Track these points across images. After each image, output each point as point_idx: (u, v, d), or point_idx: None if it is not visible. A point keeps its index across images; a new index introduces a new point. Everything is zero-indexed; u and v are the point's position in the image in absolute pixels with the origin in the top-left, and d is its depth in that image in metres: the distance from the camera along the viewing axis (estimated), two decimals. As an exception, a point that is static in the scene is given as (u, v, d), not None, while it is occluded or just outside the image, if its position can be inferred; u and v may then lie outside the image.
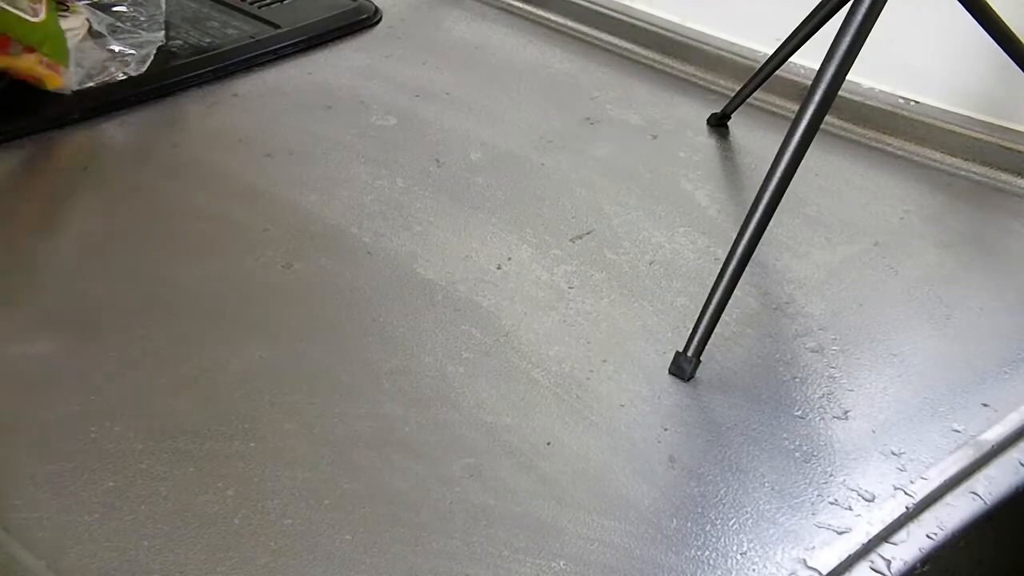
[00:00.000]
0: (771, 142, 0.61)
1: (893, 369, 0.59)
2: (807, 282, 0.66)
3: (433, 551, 0.48)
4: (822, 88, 0.58)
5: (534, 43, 0.92)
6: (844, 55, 0.58)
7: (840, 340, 0.61)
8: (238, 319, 0.61)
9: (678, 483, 0.52)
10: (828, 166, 0.76)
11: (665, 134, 0.80)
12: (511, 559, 0.48)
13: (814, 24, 0.71)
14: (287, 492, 0.51)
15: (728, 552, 0.49)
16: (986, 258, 0.69)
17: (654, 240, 0.69)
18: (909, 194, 0.74)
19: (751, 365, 0.59)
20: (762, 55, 0.79)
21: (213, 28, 0.90)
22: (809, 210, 0.72)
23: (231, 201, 0.71)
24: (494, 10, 0.97)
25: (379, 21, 0.94)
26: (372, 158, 0.75)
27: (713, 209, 0.72)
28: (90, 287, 0.63)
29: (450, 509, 0.50)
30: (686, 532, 0.50)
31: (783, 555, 0.49)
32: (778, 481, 0.52)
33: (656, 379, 0.58)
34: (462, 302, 0.63)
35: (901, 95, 0.81)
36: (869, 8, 0.58)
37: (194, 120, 0.81)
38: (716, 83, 0.86)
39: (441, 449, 0.53)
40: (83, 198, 0.72)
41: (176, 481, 0.51)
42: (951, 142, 0.78)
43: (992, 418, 0.56)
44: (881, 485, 0.52)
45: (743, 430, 0.55)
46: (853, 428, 0.56)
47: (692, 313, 0.59)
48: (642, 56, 0.90)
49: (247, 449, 0.53)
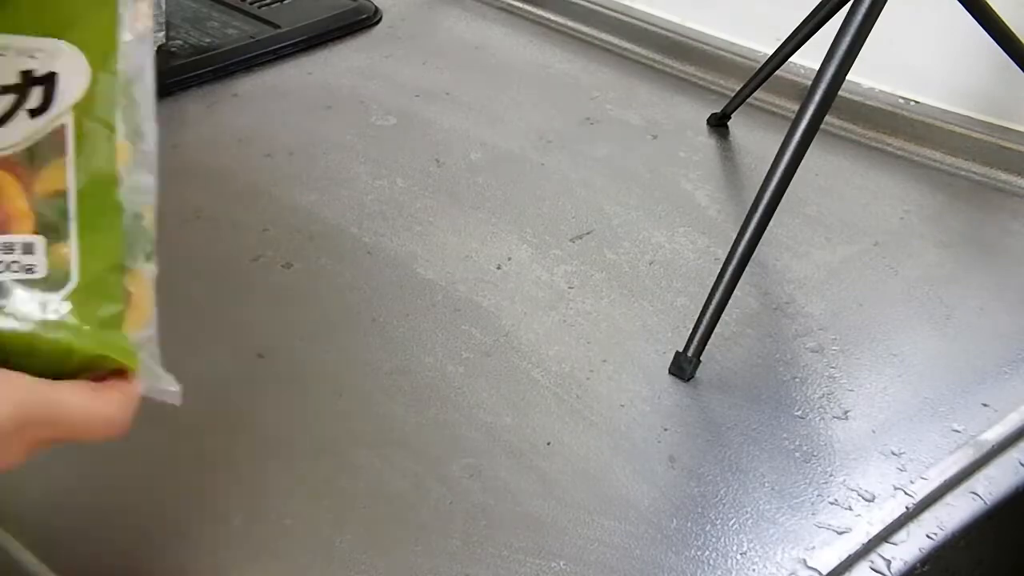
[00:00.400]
0: (771, 142, 0.61)
1: (893, 369, 0.59)
2: (807, 282, 0.66)
3: (433, 551, 0.48)
4: (822, 88, 0.58)
5: (534, 43, 0.92)
6: (844, 55, 0.58)
7: (840, 340, 0.61)
8: (238, 319, 0.61)
9: (678, 483, 0.52)
10: (828, 166, 0.76)
11: (665, 134, 0.80)
12: (511, 559, 0.48)
13: (814, 24, 0.71)
14: (287, 492, 0.51)
15: (728, 552, 0.49)
16: (986, 258, 0.69)
17: (654, 240, 0.69)
18: (909, 194, 0.74)
19: (751, 365, 0.59)
20: (762, 55, 0.79)
21: (213, 28, 0.90)
22: (809, 210, 0.72)
23: (231, 201, 0.71)
24: (494, 10, 0.97)
25: (379, 21, 0.94)
26: (372, 158, 0.75)
27: (713, 209, 0.72)
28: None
29: (450, 509, 0.50)
30: (686, 532, 0.50)
31: (783, 555, 0.49)
32: (778, 481, 0.52)
33: (656, 379, 0.58)
34: (462, 302, 0.63)
35: (901, 95, 0.81)
36: (869, 8, 0.58)
37: (194, 120, 0.82)
38: (716, 83, 0.86)
39: (441, 449, 0.53)
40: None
41: (175, 479, 0.51)
42: (951, 142, 0.78)
43: (992, 418, 0.56)
44: (881, 485, 0.52)
45: (743, 430, 0.55)
46: (853, 428, 0.56)
47: (692, 313, 0.59)
48: (642, 56, 0.90)
49: (246, 449, 0.53)
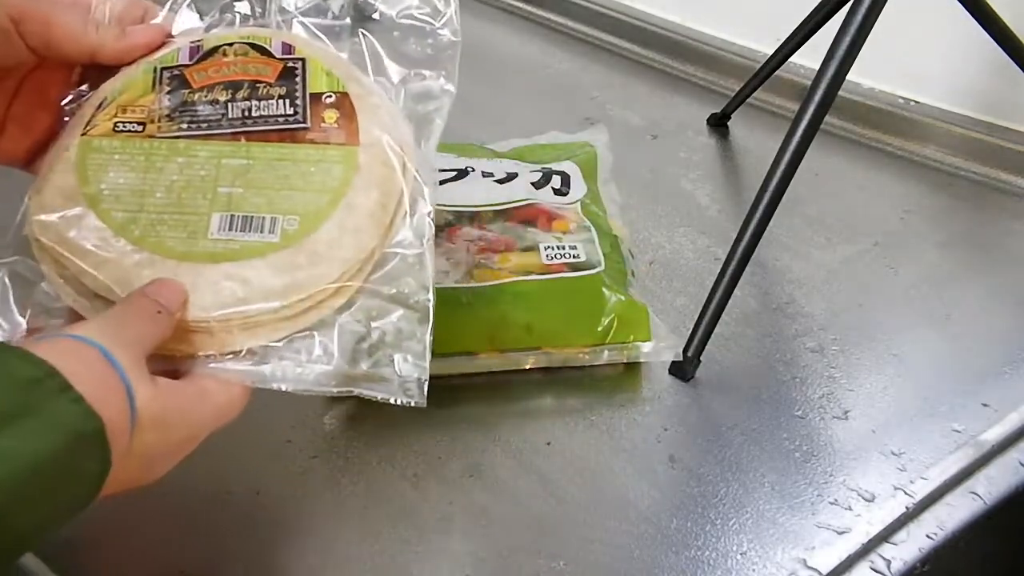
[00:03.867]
0: (771, 142, 0.61)
1: (893, 369, 0.59)
2: (807, 282, 0.66)
3: (433, 551, 0.48)
4: (822, 88, 0.58)
5: (534, 43, 0.92)
6: (844, 55, 0.58)
7: (840, 340, 0.61)
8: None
9: (678, 483, 0.52)
10: (828, 166, 0.76)
11: (665, 134, 0.80)
12: (511, 559, 0.48)
13: (814, 24, 0.71)
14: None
15: (728, 552, 0.49)
16: (986, 258, 0.69)
17: (654, 240, 0.69)
18: (909, 194, 0.74)
19: (751, 365, 0.59)
20: (762, 55, 0.79)
21: (213, 28, 0.90)
22: (809, 210, 0.72)
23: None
24: (494, 10, 0.97)
25: (379, 21, 0.94)
26: (372, 158, 0.75)
27: (713, 209, 0.72)
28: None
29: (450, 509, 0.50)
30: (686, 532, 0.50)
31: (783, 555, 0.49)
32: (778, 481, 0.52)
33: (656, 379, 0.58)
34: (462, 302, 0.63)
35: (901, 95, 0.81)
36: (869, 8, 0.58)
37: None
38: (716, 83, 0.86)
39: (441, 449, 0.53)
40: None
41: (174, 476, 0.51)
42: (951, 142, 0.78)
43: (992, 418, 0.56)
44: (881, 485, 0.52)
45: (743, 430, 0.55)
46: (853, 428, 0.56)
47: (692, 313, 0.59)
48: (642, 56, 0.90)
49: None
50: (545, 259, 0.59)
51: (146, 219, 0.44)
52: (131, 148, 0.45)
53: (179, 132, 0.46)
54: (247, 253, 0.43)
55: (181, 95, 0.47)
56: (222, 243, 0.43)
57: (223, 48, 0.48)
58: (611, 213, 0.65)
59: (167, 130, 0.46)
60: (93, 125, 0.46)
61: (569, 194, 0.65)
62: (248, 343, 0.43)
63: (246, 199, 0.44)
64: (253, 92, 0.47)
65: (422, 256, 0.45)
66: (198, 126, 0.46)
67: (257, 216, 0.44)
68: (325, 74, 0.47)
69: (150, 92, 0.47)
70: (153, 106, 0.46)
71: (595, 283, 0.58)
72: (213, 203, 0.44)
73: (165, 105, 0.46)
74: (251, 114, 0.46)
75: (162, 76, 0.47)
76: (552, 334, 0.57)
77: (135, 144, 0.45)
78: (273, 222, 0.44)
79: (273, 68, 0.47)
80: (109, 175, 0.45)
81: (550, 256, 0.59)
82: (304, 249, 0.43)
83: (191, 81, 0.47)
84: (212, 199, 0.44)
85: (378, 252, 0.45)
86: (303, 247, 0.43)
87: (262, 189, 0.44)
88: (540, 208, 0.62)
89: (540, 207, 0.62)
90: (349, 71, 0.48)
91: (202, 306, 0.42)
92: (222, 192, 0.44)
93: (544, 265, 0.58)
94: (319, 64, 0.48)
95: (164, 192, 0.44)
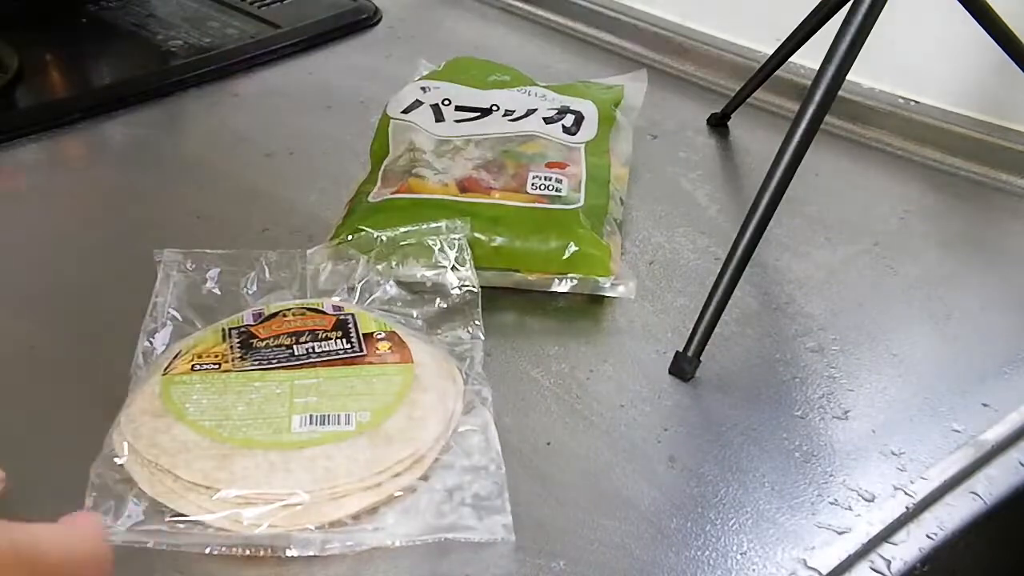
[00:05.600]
0: (771, 142, 0.61)
1: (893, 369, 0.59)
2: (807, 282, 0.66)
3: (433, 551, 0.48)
4: (822, 88, 0.58)
5: (534, 43, 0.92)
6: (844, 55, 0.58)
7: (840, 340, 0.61)
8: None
9: (678, 483, 0.52)
10: (828, 166, 0.76)
11: (665, 134, 0.80)
12: (511, 559, 0.48)
13: (814, 24, 0.71)
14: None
15: (728, 552, 0.49)
16: (986, 258, 0.69)
17: (654, 240, 0.69)
18: (909, 194, 0.74)
19: (751, 365, 0.59)
20: (762, 55, 0.79)
21: (213, 28, 0.90)
22: (809, 210, 0.72)
23: (231, 201, 0.71)
24: (494, 10, 0.97)
25: (379, 21, 0.94)
26: (372, 158, 0.75)
27: (713, 209, 0.72)
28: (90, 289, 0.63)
29: (450, 509, 0.50)
30: (686, 532, 0.50)
31: (783, 555, 0.49)
32: (778, 481, 0.52)
33: (656, 379, 0.58)
34: (462, 302, 0.63)
35: (901, 95, 0.81)
36: (869, 8, 0.58)
37: (194, 120, 0.82)
38: (716, 83, 0.86)
39: (441, 449, 0.53)
40: (83, 198, 0.72)
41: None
42: (951, 142, 0.78)
43: (992, 418, 0.56)
44: (881, 485, 0.52)
45: (743, 430, 0.55)
46: (853, 428, 0.56)
47: (692, 313, 0.59)
48: (642, 56, 0.90)
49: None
50: (530, 188, 0.65)
51: (231, 425, 0.49)
52: (210, 379, 0.51)
53: (252, 367, 0.52)
54: (329, 439, 0.49)
55: (250, 344, 0.53)
56: (305, 434, 0.49)
57: (283, 312, 0.56)
58: (616, 152, 0.71)
59: (240, 367, 0.52)
60: (173, 368, 0.52)
61: (577, 134, 0.70)
62: (337, 514, 0.47)
63: (321, 404, 0.50)
64: (314, 337, 0.54)
65: (486, 427, 0.52)
66: (268, 362, 0.52)
67: (333, 414, 0.50)
68: (374, 321, 0.55)
69: (221, 343, 0.53)
70: (226, 352, 0.53)
71: (568, 217, 0.63)
72: (291, 409, 0.50)
73: (237, 351, 0.53)
74: (315, 351, 0.53)
75: (231, 333, 0.54)
76: (517, 256, 0.62)
77: (213, 376, 0.51)
78: (348, 417, 0.50)
79: (328, 320, 0.55)
80: (192, 398, 0.50)
81: (535, 187, 0.65)
82: (379, 434, 0.49)
83: (257, 334, 0.54)
84: (290, 407, 0.50)
85: (443, 439, 0.51)
86: (378, 432, 0.49)
87: (334, 397, 0.50)
88: (541, 140, 0.69)
89: (542, 140, 0.69)
90: (395, 322, 0.56)
91: (296, 483, 0.47)
92: (298, 402, 0.50)
93: (528, 195, 0.65)
94: (367, 316, 0.56)
95: (245, 407, 0.50)
